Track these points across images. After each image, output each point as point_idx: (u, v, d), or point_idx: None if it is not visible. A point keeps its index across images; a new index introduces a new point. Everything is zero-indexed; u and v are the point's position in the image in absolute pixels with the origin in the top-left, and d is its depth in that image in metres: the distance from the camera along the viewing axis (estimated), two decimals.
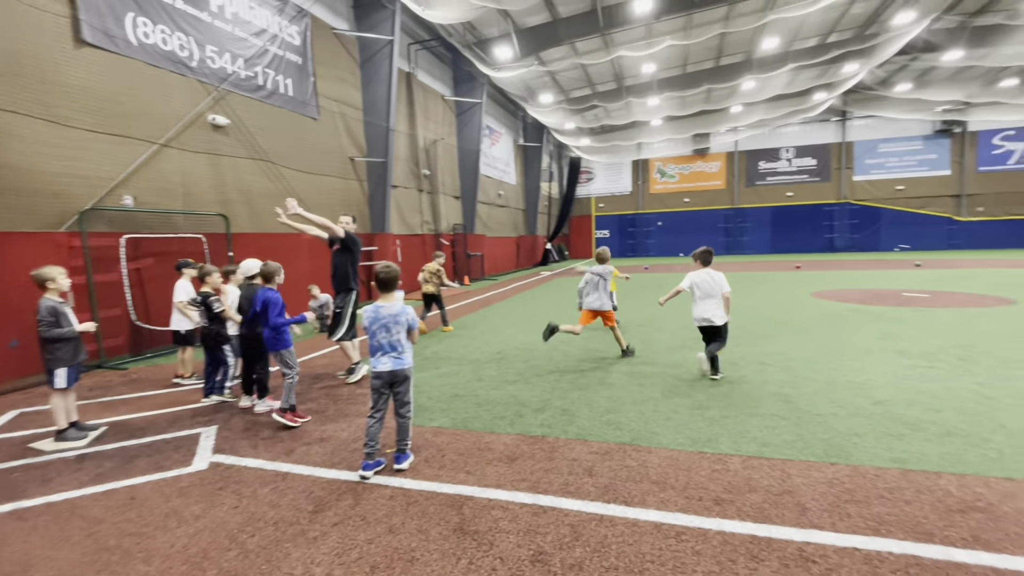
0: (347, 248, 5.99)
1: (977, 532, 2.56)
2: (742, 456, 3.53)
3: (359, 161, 13.60)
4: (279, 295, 4.66)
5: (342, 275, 6.00)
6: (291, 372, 4.62)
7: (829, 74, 22.63)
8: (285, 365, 4.63)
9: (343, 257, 6.00)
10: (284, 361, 4.63)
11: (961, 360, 5.73)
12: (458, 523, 2.83)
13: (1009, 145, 29.71)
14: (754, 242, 34.03)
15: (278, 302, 4.59)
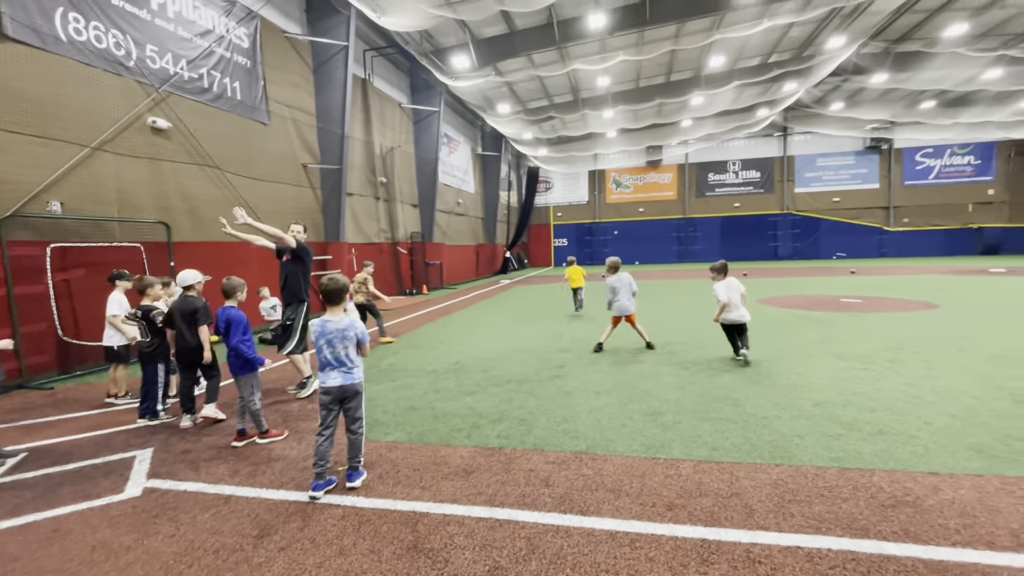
0: (298, 258, 5.78)
1: (907, 525, 2.72)
2: (693, 461, 3.63)
3: (312, 168, 13.25)
4: (243, 314, 4.36)
5: (293, 286, 5.78)
6: (254, 399, 4.29)
7: (771, 92, 23.96)
8: (249, 390, 4.28)
9: (294, 267, 5.79)
10: (249, 386, 4.28)
11: (891, 362, 6.13)
12: (412, 541, 2.75)
13: (929, 162, 32.34)
14: (705, 251, 35.37)
15: (241, 321, 4.29)
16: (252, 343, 4.32)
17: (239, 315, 4.34)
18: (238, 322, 4.29)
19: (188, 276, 4.92)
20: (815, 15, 17.30)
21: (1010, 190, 31.49)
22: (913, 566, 2.39)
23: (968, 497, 2.98)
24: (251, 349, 4.27)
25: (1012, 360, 6.00)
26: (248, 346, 4.26)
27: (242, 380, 4.29)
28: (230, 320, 4.30)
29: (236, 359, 4.27)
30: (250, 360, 4.26)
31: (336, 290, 3.45)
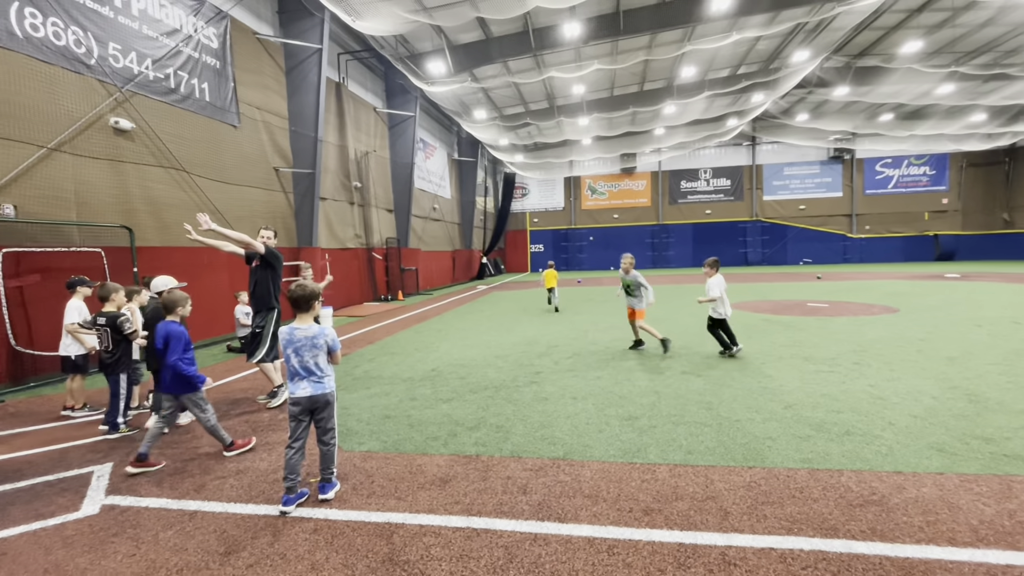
0: (268, 264, 5.60)
1: (874, 524, 2.79)
2: (669, 464, 3.66)
3: (284, 172, 12.99)
4: (184, 330, 4.07)
5: (262, 293, 5.61)
6: (205, 415, 4.07)
7: (740, 102, 24.65)
8: (198, 408, 4.05)
9: (263, 273, 5.62)
10: (195, 404, 4.04)
11: (856, 364, 6.33)
12: (387, 554, 2.69)
13: (888, 171, 33.77)
14: (677, 256, 36.04)
15: (182, 337, 3.98)
16: (193, 360, 4.04)
17: (180, 331, 4.02)
18: (178, 338, 3.96)
19: (161, 282, 5.16)
20: (781, 29, 17.93)
21: (962, 199, 33.13)
22: (880, 564, 2.45)
23: (930, 495, 3.09)
24: (191, 367, 3.98)
25: (966, 361, 6.27)
26: (188, 363, 3.96)
27: (187, 399, 4.02)
28: (169, 336, 3.97)
29: (174, 378, 3.95)
30: (189, 379, 3.97)
31: (304, 297, 3.34)
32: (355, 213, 17.04)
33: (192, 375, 3.97)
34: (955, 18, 17.68)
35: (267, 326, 5.59)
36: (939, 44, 19.73)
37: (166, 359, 3.95)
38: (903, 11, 17.49)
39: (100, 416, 5.24)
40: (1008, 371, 5.76)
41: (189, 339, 4.07)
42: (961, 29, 18.50)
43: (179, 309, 4.16)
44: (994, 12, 17.09)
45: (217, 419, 4.18)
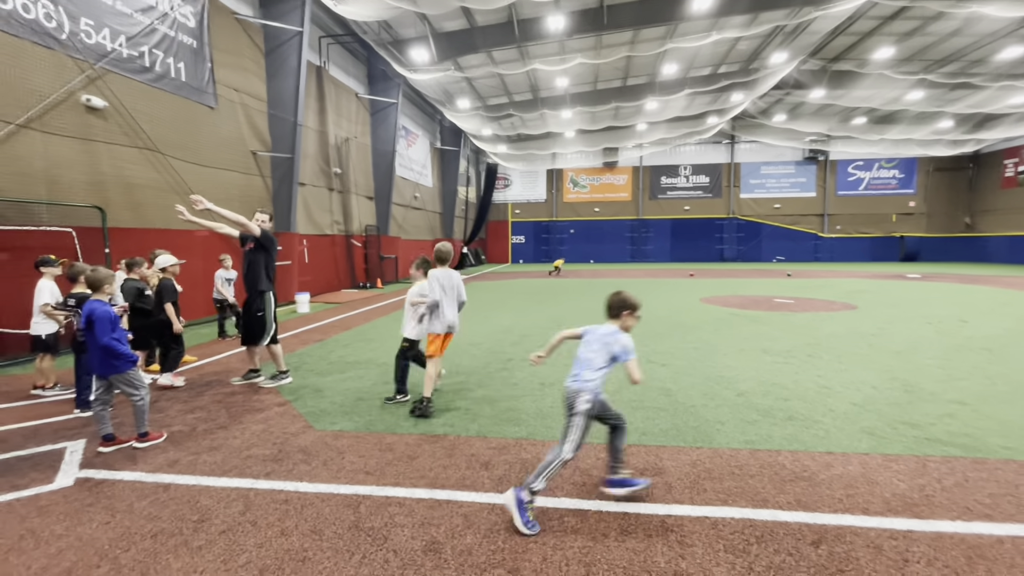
0: (262, 247, 5.66)
1: (800, 497, 3.08)
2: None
3: (263, 156, 12.87)
4: (110, 309, 3.98)
5: (254, 275, 5.67)
6: (138, 394, 4.00)
7: (720, 101, 25.10)
8: (130, 387, 3.98)
9: (256, 256, 5.68)
10: (129, 383, 3.97)
11: (809, 356, 6.71)
12: (354, 521, 2.88)
13: (859, 173, 34.81)
14: (656, 251, 36.64)
15: (106, 317, 3.87)
16: (124, 339, 4.01)
17: (105, 310, 3.89)
18: (103, 319, 3.84)
19: (163, 260, 5.94)
20: (760, 31, 18.31)
21: (928, 203, 34.39)
22: (799, 530, 2.73)
23: (854, 472, 3.40)
24: (123, 345, 3.94)
25: (910, 355, 6.70)
26: (119, 342, 3.90)
27: (117, 379, 3.96)
28: (93, 315, 3.82)
29: (105, 357, 3.87)
30: (122, 356, 3.91)
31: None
32: (334, 199, 16.95)
33: (125, 352, 3.91)
34: (925, 27, 18.29)
35: (267, 310, 5.68)
36: (910, 52, 20.38)
37: (96, 340, 3.84)
38: (877, 18, 18.01)
39: (72, 395, 5.28)
40: (945, 365, 6.19)
41: (117, 318, 4.00)
42: (930, 38, 19.15)
43: (106, 287, 4.07)
44: (961, 23, 17.74)
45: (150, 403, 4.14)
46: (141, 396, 4.04)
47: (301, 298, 12.40)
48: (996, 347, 7.16)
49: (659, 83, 23.00)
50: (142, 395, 4.05)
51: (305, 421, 4.54)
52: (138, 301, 5.73)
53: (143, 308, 5.78)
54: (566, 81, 22.91)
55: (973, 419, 4.35)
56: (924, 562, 2.45)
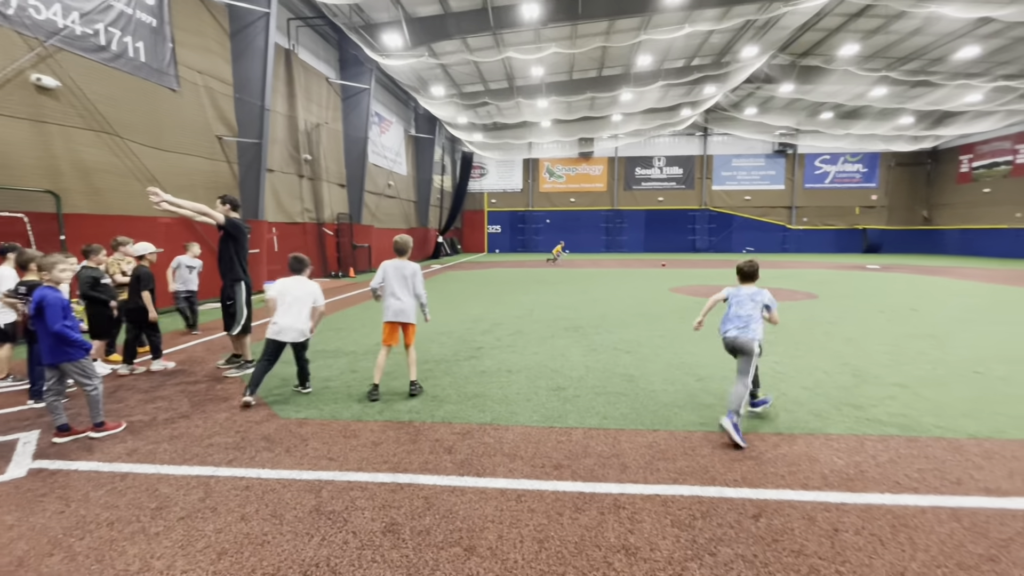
0: (229, 236, 5.64)
1: (746, 474, 3.26)
2: (585, 428, 4.04)
3: (229, 141, 12.52)
4: (60, 295, 3.85)
5: (225, 264, 5.68)
6: (91, 384, 3.90)
7: (693, 94, 25.42)
8: (83, 376, 3.87)
9: (225, 245, 5.68)
10: (82, 371, 3.86)
11: (768, 344, 6.94)
12: (315, 505, 2.92)
13: (826, 167, 35.84)
14: (630, 241, 37.12)
15: (57, 303, 3.75)
16: (76, 326, 3.90)
17: (56, 297, 3.78)
18: (54, 304, 3.73)
19: (141, 247, 6.07)
20: (732, 25, 18.60)
21: (890, 196, 35.69)
22: (742, 505, 2.90)
23: (798, 451, 3.60)
24: (75, 332, 3.83)
25: (862, 342, 7.04)
26: (72, 329, 3.79)
27: (69, 368, 3.84)
28: (44, 301, 3.72)
29: (57, 344, 3.76)
30: (75, 344, 3.81)
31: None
32: (305, 186, 16.63)
33: (77, 339, 3.82)
34: (888, 25, 18.86)
35: (237, 298, 5.65)
36: (874, 49, 20.99)
37: (48, 326, 3.73)
38: (843, 15, 18.49)
39: (26, 386, 5.12)
40: (893, 351, 6.53)
41: (68, 303, 3.89)
42: (893, 36, 19.76)
43: (55, 272, 3.93)
44: (921, 22, 18.35)
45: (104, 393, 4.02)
46: (95, 386, 3.95)
47: (269, 286, 12.18)
48: (940, 334, 7.57)
49: (634, 74, 23.16)
50: (95, 384, 3.96)
51: (270, 409, 4.53)
52: (93, 290, 5.58)
53: (99, 297, 5.62)
54: (542, 70, 22.85)
55: (912, 401, 4.63)
56: (853, 531, 2.64)
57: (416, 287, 4.85)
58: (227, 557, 2.46)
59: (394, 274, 4.80)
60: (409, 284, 4.81)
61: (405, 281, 4.80)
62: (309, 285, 4.84)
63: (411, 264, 4.87)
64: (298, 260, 4.94)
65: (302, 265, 4.94)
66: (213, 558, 2.46)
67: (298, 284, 4.82)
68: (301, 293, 4.76)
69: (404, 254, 4.88)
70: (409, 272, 4.82)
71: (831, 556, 2.43)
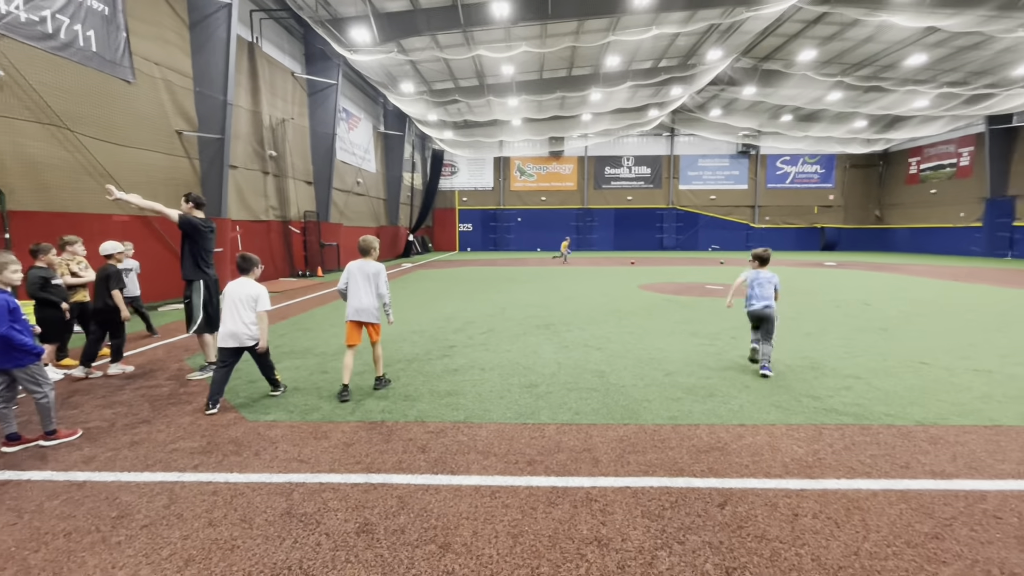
0: (187, 234, 5.55)
1: (712, 465, 3.38)
2: (557, 424, 4.10)
3: (189, 136, 12.07)
4: (7, 296, 3.62)
5: (185, 263, 5.58)
6: (41, 391, 3.72)
7: (660, 95, 25.95)
8: (33, 383, 3.69)
9: (184, 243, 5.58)
10: (31, 378, 3.69)
11: (732, 338, 7.21)
12: (286, 508, 2.87)
13: (786, 168, 37.16)
14: (600, 240, 37.62)
15: (3, 306, 3.54)
16: (27, 329, 3.72)
17: (3, 298, 3.57)
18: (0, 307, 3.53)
19: (108, 247, 5.92)
20: (697, 28, 19.05)
21: (846, 196, 37.31)
22: (709, 494, 3.00)
23: (761, 441, 3.75)
24: (25, 335, 3.64)
25: (820, 335, 7.36)
26: (20, 332, 3.61)
27: (19, 374, 3.65)
28: None
29: (4, 349, 3.55)
30: (24, 349, 3.61)
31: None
32: (270, 184, 16.19)
33: (28, 345, 3.63)
34: (843, 32, 19.70)
35: (193, 297, 5.55)
36: (830, 55, 21.89)
37: None
38: (802, 21, 19.20)
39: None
40: (847, 344, 6.85)
41: (17, 306, 3.68)
42: (848, 43, 20.65)
43: (6, 274, 3.68)
44: (874, 30, 19.23)
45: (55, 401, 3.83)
46: (45, 393, 3.76)
47: None
48: (891, 327, 7.98)
49: (603, 74, 23.47)
50: (46, 392, 3.77)
51: (237, 412, 4.41)
52: (43, 291, 5.31)
53: (49, 299, 5.35)
54: (512, 68, 22.90)
55: (865, 391, 4.88)
56: (811, 515, 2.77)
57: (379, 287, 4.84)
58: (194, 564, 2.40)
59: (358, 273, 4.81)
60: (372, 284, 4.81)
61: (368, 281, 4.80)
62: (251, 287, 4.58)
63: (375, 264, 4.89)
64: (244, 259, 4.71)
65: (249, 264, 4.71)
66: (180, 565, 2.39)
67: (241, 286, 4.58)
68: (243, 295, 4.53)
69: (368, 254, 4.91)
70: (372, 272, 4.83)
71: (791, 540, 2.55)
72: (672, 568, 2.35)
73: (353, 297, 4.79)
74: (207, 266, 5.66)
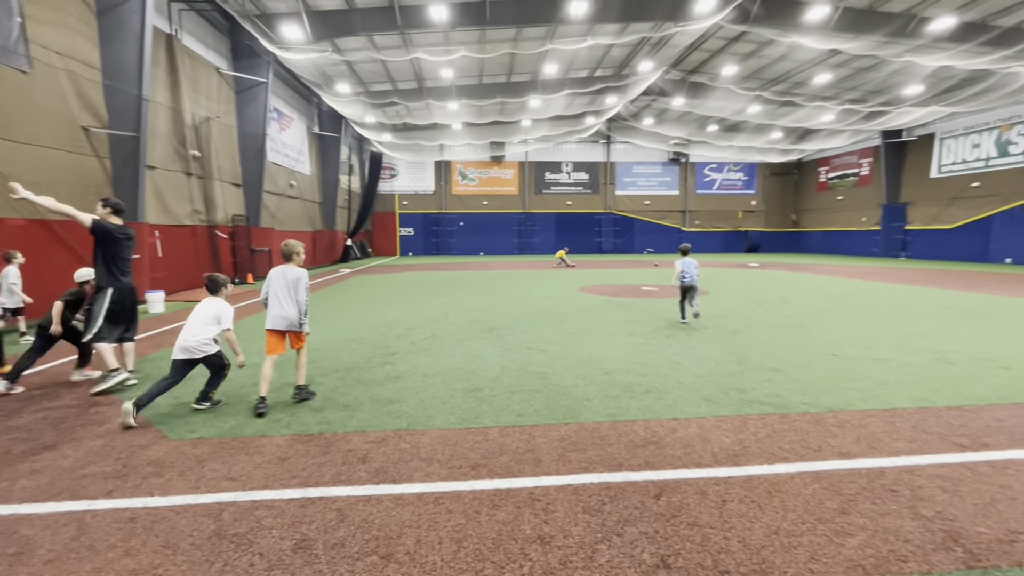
0: (98, 240, 5.28)
1: (648, 459, 3.53)
2: (501, 427, 4.13)
3: (98, 133, 11.08)
4: None
5: (98, 270, 5.33)
6: None
7: (596, 103, 26.80)
8: None
9: (96, 249, 5.30)
10: None
11: (667, 337, 7.57)
12: (215, 530, 2.71)
13: (713, 175, 39.49)
14: (542, 243, 38.22)
15: None
16: None
17: None
18: None
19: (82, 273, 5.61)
20: (630, 40, 19.87)
21: (766, 202, 40.15)
22: (645, 487, 3.14)
23: (692, 433, 3.97)
24: None
25: (745, 332, 7.88)
26: None
27: None
28: None
29: None
30: None
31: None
32: (194, 186, 15.16)
33: None
34: (760, 50, 21.23)
35: (95, 304, 5.30)
36: (749, 71, 23.51)
37: None
38: (724, 38, 20.50)
39: None
40: (769, 339, 7.39)
41: None
42: (764, 60, 22.27)
43: None
44: (786, 50, 20.88)
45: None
46: None
47: (153, 297, 11.00)
48: (806, 323, 8.69)
49: (541, 82, 23.91)
50: None
51: (158, 431, 4.10)
52: None
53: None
54: (452, 73, 22.83)
55: (784, 382, 5.28)
56: (737, 500, 2.97)
57: (298, 293, 4.72)
58: None
59: (279, 280, 4.70)
60: (291, 290, 4.69)
61: (288, 287, 4.68)
62: (216, 307, 4.63)
63: (297, 270, 4.77)
64: (211, 280, 4.78)
65: (216, 286, 4.76)
66: None
67: (205, 304, 4.65)
68: (207, 315, 4.60)
69: (290, 259, 4.81)
70: (292, 278, 4.70)
71: (720, 524, 2.72)
72: (612, 560, 2.44)
73: (273, 304, 4.69)
74: (122, 274, 5.42)
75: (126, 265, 5.45)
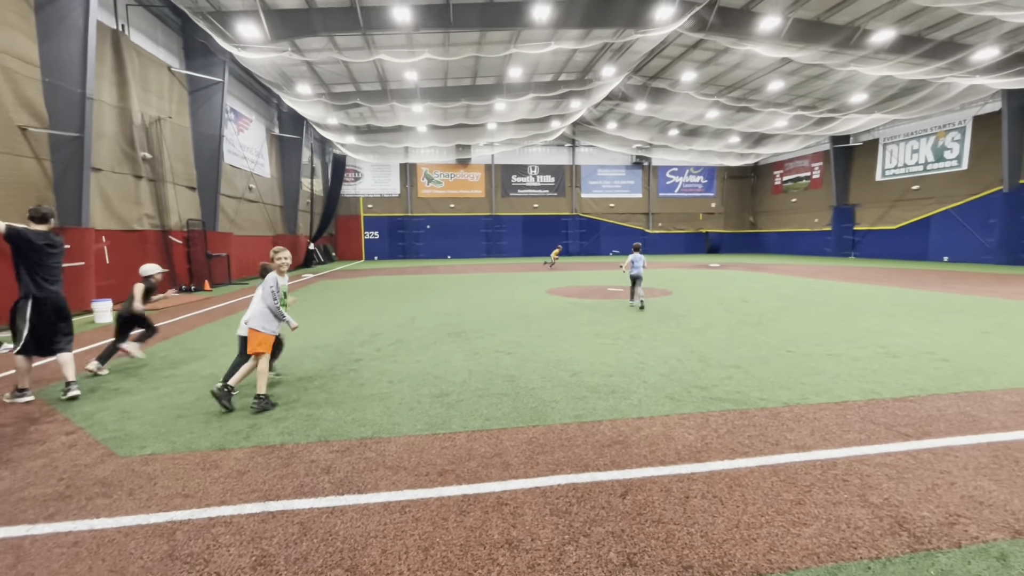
0: (17, 249, 5.02)
1: (614, 458, 3.58)
2: (468, 432, 4.11)
3: (37, 133, 10.44)
4: None
5: (20, 280, 5.09)
6: None
7: (561, 107, 27.08)
8: None
9: (15, 258, 5.04)
10: None
11: (631, 337, 7.70)
12: (167, 551, 2.58)
13: (675, 178, 40.55)
14: (509, 246, 38.33)
15: None
16: None
17: None
18: None
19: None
20: (592, 45, 20.19)
21: (725, 204, 41.51)
22: (611, 486, 3.18)
23: (657, 432, 4.05)
24: None
25: (706, 331, 8.11)
26: None
27: None
28: None
29: None
30: None
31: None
32: (144, 189, 14.48)
33: None
34: (717, 57, 21.96)
35: (17, 317, 5.07)
36: (707, 77, 24.28)
37: None
38: (683, 46, 21.11)
39: None
40: (729, 338, 7.62)
41: None
42: (721, 67, 23.05)
43: None
44: (741, 58, 21.67)
45: None
46: None
47: (100, 306, 10.44)
48: (764, 320, 9.01)
49: (506, 85, 24.01)
50: None
51: (105, 448, 3.89)
52: None
53: None
54: (416, 75, 22.66)
55: (743, 379, 5.46)
56: (700, 496, 3.04)
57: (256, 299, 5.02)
58: None
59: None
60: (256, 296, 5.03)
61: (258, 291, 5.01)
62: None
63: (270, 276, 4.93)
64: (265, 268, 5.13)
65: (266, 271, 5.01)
66: None
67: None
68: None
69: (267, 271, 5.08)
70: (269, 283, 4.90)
71: (683, 520, 2.79)
72: (579, 561, 2.46)
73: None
74: (47, 283, 5.18)
75: (50, 274, 5.20)
